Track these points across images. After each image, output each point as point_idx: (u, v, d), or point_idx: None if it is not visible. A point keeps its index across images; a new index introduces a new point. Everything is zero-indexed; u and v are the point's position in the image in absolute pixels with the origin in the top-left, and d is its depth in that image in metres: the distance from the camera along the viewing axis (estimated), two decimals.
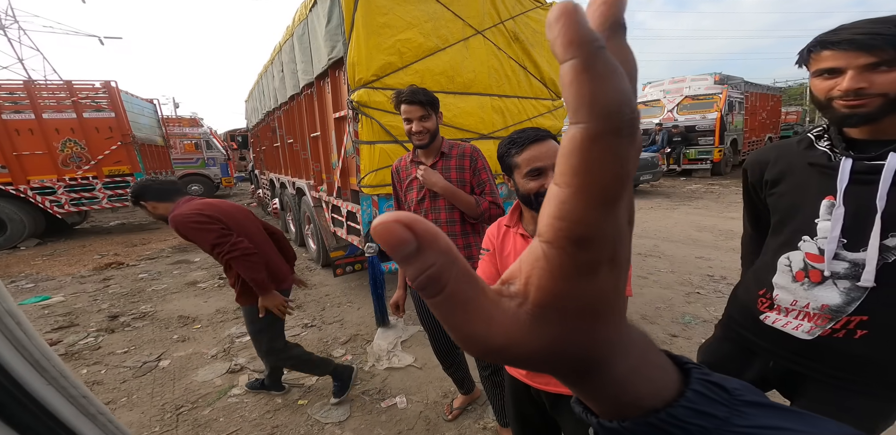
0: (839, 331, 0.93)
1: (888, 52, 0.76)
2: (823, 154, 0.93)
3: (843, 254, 0.90)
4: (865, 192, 0.85)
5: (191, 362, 2.78)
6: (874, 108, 0.81)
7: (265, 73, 5.54)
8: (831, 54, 0.83)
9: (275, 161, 6.17)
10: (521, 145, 1.04)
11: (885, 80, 0.78)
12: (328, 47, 2.90)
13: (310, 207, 4.22)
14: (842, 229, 0.89)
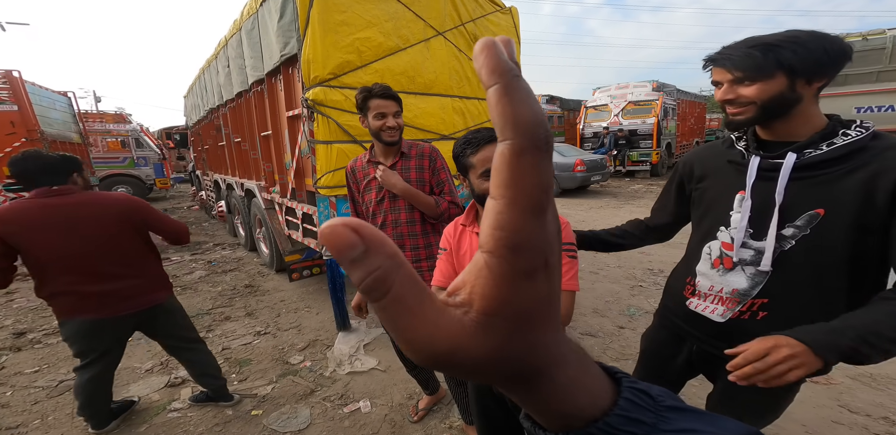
0: (745, 313, 1.03)
1: (738, 71, 0.91)
2: (739, 153, 1.04)
3: (750, 242, 1.01)
4: (768, 187, 0.95)
5: (120, 379, 2.53)
6: (752, 115, 0.93)
7: (208, 68, 5.20)
8: (714, 70, 0.97)
9: (220, 161, 5.81)
10: (477, 145, 1.06)
11: (749, 92, 0.91)
12: (280, 43, 2.79)
13: (261, 210, 4.03)
14: (749, 220, 1.00)
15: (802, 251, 0.94)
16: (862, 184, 0.86)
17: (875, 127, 0.91)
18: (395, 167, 1.70)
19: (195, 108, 6.82)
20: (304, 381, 2.44)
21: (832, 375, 2.24)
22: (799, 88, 0.89)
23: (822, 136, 0.90)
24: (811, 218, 0.91)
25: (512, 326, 0.18)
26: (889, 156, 0.85)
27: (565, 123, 15.40)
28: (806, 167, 0.91)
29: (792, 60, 0.86)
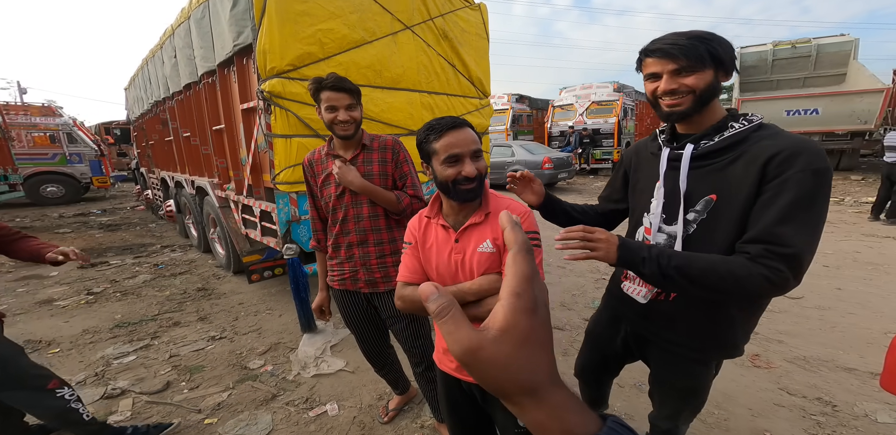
0: (661, 294, 1.13)
1: (684, 60, 0.95)
2: (657, 145, 1.13)
3: (664, 227, 1.10)
4: (675, 176, 1.04)
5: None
6: (689, 106, 0.99)
7: (152, 59, 4.85)
8: (652, 61, 1.00)
9: (167, 157, 5.43)
10: (440, 132, 1.04)
11: (689, 81, 0.96)
12: (233, 33, 2.65)
13: (214, 209, 3.81)
14: (663, 207, 1.08)
15: (701, 234, 1.02)
16: (742, 171, 0.95)
17: (762, 120, 1.00)
18: (357, 160, 1.63)
19: (138, 101, 6.34)
20: (264, 386, 2.33)
21: (772, 360, 2.42)
22: (720, 81, 0.98)
23: (715, 129, 1.00)
24: (707, 203, 1.01)
25: (518, 340, 0.29)
26: (762, 144, 0.93)
27: (534, 122, 15.73)
28: (701, 157, 1.00)
29: (720, 54, 0.95)
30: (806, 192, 0.87)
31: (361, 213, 1.63)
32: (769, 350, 2.53)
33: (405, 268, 1.15)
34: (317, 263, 1.84)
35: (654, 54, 0.99)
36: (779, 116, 10.05)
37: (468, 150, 1.03)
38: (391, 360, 1.97)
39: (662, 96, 1.01)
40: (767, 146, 0.92)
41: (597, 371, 1.55)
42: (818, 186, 0.88)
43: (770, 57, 10.92)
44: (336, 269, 1.70)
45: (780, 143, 0.91)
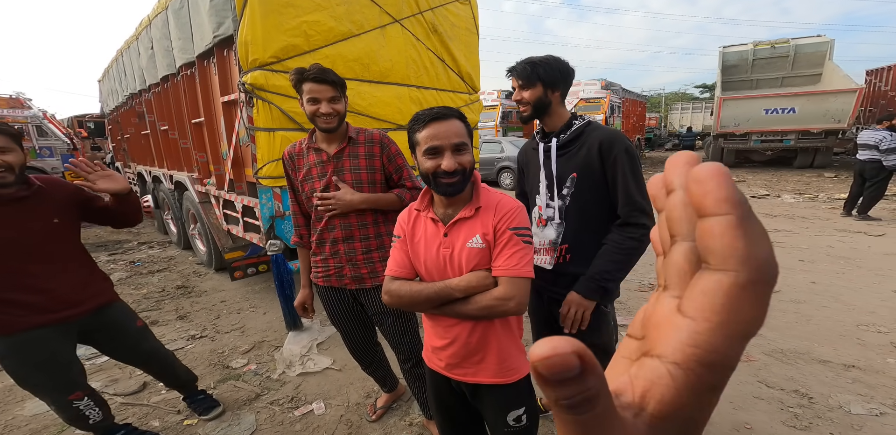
0: (560, 258, 1.44)
1: (520, 79, 1.35)
2: (535, 142, 1.49)
3: (550, 203, 1.42)
4: (550, 163, 1.39)
5: (12, 395, 2.25)
6: (529, 113, 1.39)
7: (127, 50, 4.67)
8: (512, 79, 1.39)
9: (144, 151, 5.26)
10: (424, 122, 1.02)
11: (525, 95, 1.36)
12: (213, 23, 2.56)
13: (194, 204, 3.71)
14: (546, 187, 1.42)
15: (574, 204, 1.38)
16: (586, 154, 1.33)
17: (589, 118, 1.41)
18: (343, 153, 1.59)
19: (112, 93, 6.12)
20: (247, 385, 2.28)
21: (750, 353, 2.47)
22: (549, 95, 1.36)
23: (566, 126, 1.39)
24: (573, 180, 1.37)
25: (680, 430, 0.19)
26: (593, 135, 1.34)
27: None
28: (562, 147, 1.38)
29: (543, 75, 1.32)
30: (628, 164, 1.29)
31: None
32: (749, 343, 2.59)
33: (393, 262, 1.13)
34: (299, 259, 1.80)
35: (510, 73, 1.38)
36: (758, 115, 10.30)
37: (449, 142, 1.00)
38: (378, 357, 1.94)
39: (517, 103, 1.40)
40: (596, 136, 1.33)
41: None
42: (632, 158, 1.30)
43: (751, 57, 11.16)
44: (321, 265, 1.67)
45: (601, 135, 1.32)
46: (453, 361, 1.13)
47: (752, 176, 10.39)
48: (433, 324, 1.16)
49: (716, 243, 0.17)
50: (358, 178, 1.59)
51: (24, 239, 1.46)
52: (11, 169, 1.39)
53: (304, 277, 1.79)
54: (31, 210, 1.48)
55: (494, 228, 1.04)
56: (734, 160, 12.02)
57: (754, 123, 10.46)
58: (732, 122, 10.68)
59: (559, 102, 1.39)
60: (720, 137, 11.27)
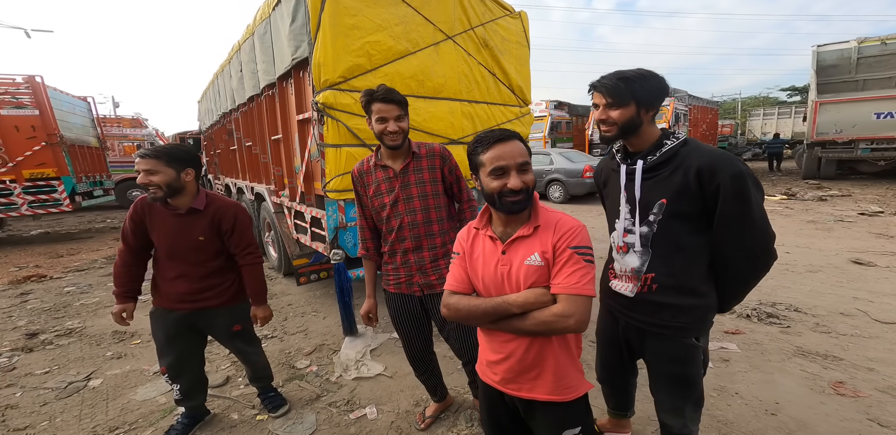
0: (644, 286, 1.31)
1: (610, 97, 1.20)
2: (616, 163, 1.34)
3: (633, 229, 1.29)
4: (633, 187, 1.26)
5: (128, 380, 2.55)
6: (614, 133, 1.25)
7: (221, 73, 5.29)
8: (595, 94, 1.26)
9: (231, 165, 5.87)
10: (488, 144, 1.06)
11: (614, 115, 1.21)
12: (292, 47, 2.82)
13: (270, 214, 4.04)
14: (629, 212, 1.30)
15: (663, 231, 1.25)
16: (680, 179, 1.18)
17: (684, 135, 1.25)
18: (408, 169, 1.67)
19: (208, 112, 6.93)
20: (310, 386, 2.41)
21: (859, 388, 2.15)
22: (642, 115, 1.22)
23: (655, 147, 1.24)
24: (661, 206, 1.23)
25: None
26: (691, 157, 1.18)
27: (574, 129, 15.26)
28: (650, 170, 1.24)
29: (640, 93, 1.19)
30: (738, 192, 1.13)
31: (416, 221, 1.68)
32: (856, 378, 2.25)
33: (452, 277, 1.17)
34: (364, 270, 1.90)
35: (596, 89, 1.25)
36: (867, 120, 9.07)
37: (514, 162, 1.04)
38: (433, 366, 1.98)
39: (599, 123, 1.27)
40: (695, 158, 1.17)
41: (615, 369, 1.64)
42: (744, 185, 1.13)
43: (854, 55, 9.87)
44: (392, 274, 1.77)
45: (701, 158, 1.16)
46: (508, 375, 1.14)
47: (861, 190, 9.08)
48: (489, 339, 1.17)
49: None
50: (423, 191, 1.68)
51: (184, 243, 1.83)
52: (160, 187, 1.70)
53: (370, 287, 1.88)
54: (189, 224, 1.82)
55: (554, 247, 1.05)
56: (835, 171, 10.64)
57: (862, 129, 9.21)
58: (833, 129, 9.49)
59: (650, 121, 1.25)
60: (816, 146, 10.04)
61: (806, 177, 11.09)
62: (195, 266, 1.86)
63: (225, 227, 1.85)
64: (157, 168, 1.69)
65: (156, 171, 1.69)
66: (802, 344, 2.65)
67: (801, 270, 3.91)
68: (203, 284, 1.88)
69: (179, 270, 1.86)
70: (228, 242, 1.89)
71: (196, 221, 1.81)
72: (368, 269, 1.87)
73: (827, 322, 2.93)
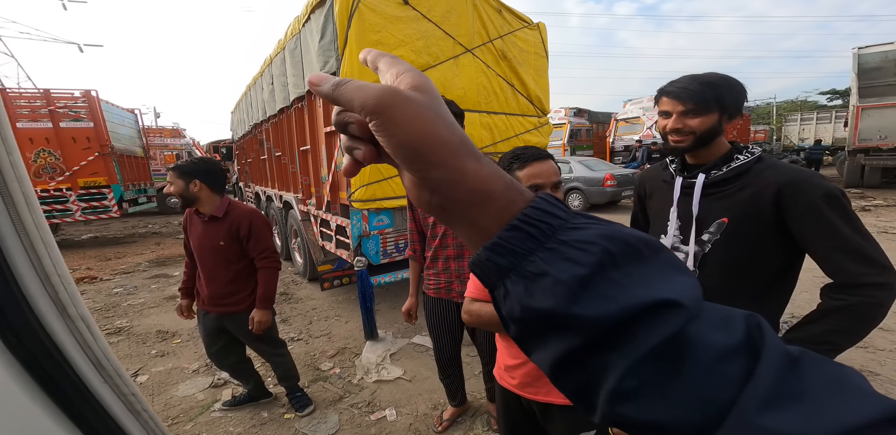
0: None
1: (691, 104, 1.06)
2: (669, 174, 1.23)
3: (680, 247, 1.18)
4: (689, 202, 1.14)
5: (170, 377, 2.71)
6: (689, 144, 1.11)
7: (254, 85, 5.55)
8: (666, 101, 1.12)
9: (261, 174, 6.13)
10: (525, 161, 1.12)
11: (693, 123, 1.08)
12: (321, 62, 2.96)
13: (297, 221, 4.21)
14: (678, 229, 1.19)
15: (716, 253, 1.12)
16: (750, 198, 1.05)
17: (760, 152, 1.11)
18: None
19: (241, 123, 7.25)
20: (333, 387, 2.50)
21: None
22: (723, 124, 1.09)
23: (723, 160, 1.11)
24: (719, 225, 1.11)
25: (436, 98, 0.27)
26: (767, 174, 1.04)
27: (594, 136, 14.93)
28: (712, 185, 1.11)
29: (726, 101, 1.06)
30: (835, 212, 0.97)
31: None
32: (892, 393, 2.14)
33: (474, 285, 1.22)
34: (410, 271, 2.03)
35: (669, 95, 1.10)
36: None
37: (549, 181, 1.11)
38: (459, 370, 2.07)
39: (670, 133, 1.13)
40: (772, 176, 1.03)
41: None
42: (841, 205, 0.98)
43: None
44: (433, 278, 1.87)
45: (781, 175, 1.02)
46: (526, 380, 1.17)
47: None
48: (507, 344, 1.22)
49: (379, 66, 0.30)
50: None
51: (207, 248, 2.01)
52: (176, 196, 1.92)
53: (413, 286, 2.01)
54: (212, 230, 1.99)
55: None
56: (881, 179, 10.05)
57: None
58: (877, 135, 9.03)
59: (724, 132, 1.13)
60: (859, 153, 9.55)
61: (848, 185, 10.51)
62: (218, 270, 2.01)
63: (243, 232, 1.98)
64: (172, 179, 1.90)
65: (172, 182, 1.90)
66: (839, 358, 2.54)
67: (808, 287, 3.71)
68: (227, 290, 2.03)
69: (206, 273, 2.03)
70: (247, 247, 2.02)
71: (217, 228, 1.97)
72: (413, 269, 2.01)
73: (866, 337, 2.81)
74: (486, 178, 0.26)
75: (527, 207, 0.25)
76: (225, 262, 2.01)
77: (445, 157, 0.25)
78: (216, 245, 1.98)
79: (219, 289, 2.03)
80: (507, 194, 0.26)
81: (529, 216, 0.25)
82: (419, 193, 0.27)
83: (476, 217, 0.26)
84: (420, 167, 0.25)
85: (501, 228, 0.25)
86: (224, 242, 1.98)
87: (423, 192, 0.27)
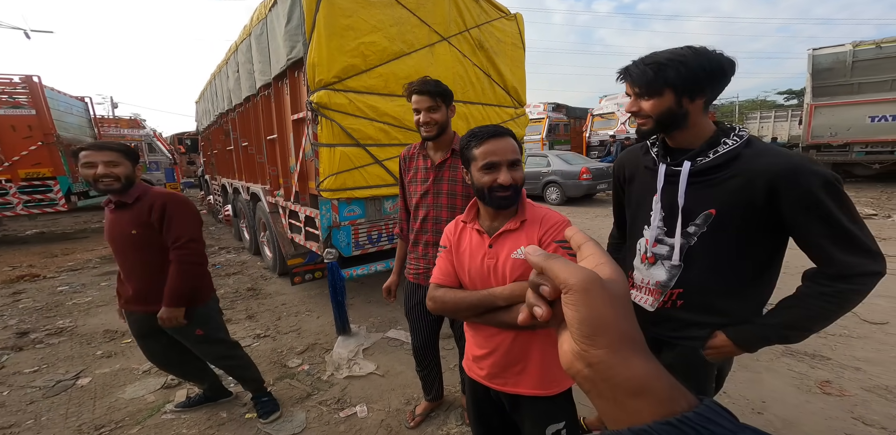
0: (667, 302, 1.16)
1: (637, 86, 1.00)
2: (652, 159, 1.15)
3: (664, 239, 1.13)
4: (674, 191, 1.07)
5: (117, 379, 2.54)
6: (651, 127, 1.05)
7: (219, 74, 5.30)
8: (627, 82, 1.05)
9: (227, 165, 5.87)
10: (481, 139, 1.08)
11: (647, 106, 1.01)
12: (287, 47, 2.83)
13: (265, 213, 4.05)
14: (662, 220, 1.12)
15: (702, 246, 1.07)
16: (740, 187, 0.98)
17: (748, 134, 1.02)
18: (444, 164, 1.69)
19: (206, 113, 6.94)
20: (300, 384, 2.41)
21: (845, 387, 2.16)
22: (685, 105, 1.00)
23: (708, 145, 1.03)
24: (707, 217, 1.05)
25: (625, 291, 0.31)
26: (758, 162, 0.97)
27: (571, 131, 15.29)
28: (698, 173, 1.03)
29: (675, 80, 0.96)
30: (833, 202, 0.92)
31: (440, 217, 1.70)
32: (843, 377, 2.27)
33: (438, 270, 1.18)
34: (397, 249, 2.00)
35: (624, 77, 1.05)
36: (862, 123, 9.12)
37: (505, 159, 1.06)
38: (436, 362, 2.01)
39: (632, 115, 1.08)
40: (764, 164, 0.96)
41: None
42: (839, 194, 0.93)
43: (849, 59, 9.93)
44: (413, 263, 1.81)
45: (774, 163, 0.95)
46: (494, 370, 1.14)
47: (855, 193, 9.13)
48: (474, 333, 1.18)
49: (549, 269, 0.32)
50: (452, 190, 1.69)
51: (119, 239, 1.79)
52: (118, 179, 1.70)
53: (398, 265, 1.98)
54: (121, 218, 1.78)
55: (540, 241, 1.07)
56: None
57: (857, 133, 9.26)
58: (828, 132, 9.55)
59: (701, 112, 1.02)
60: (811, 149, 10.09)
61: None
62: (136, 263, 1.79)
63: (155, 216, 1.75)
64: (118, 159, 1.71)
65: (116, 162, 1.70)
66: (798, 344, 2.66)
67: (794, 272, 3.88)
68: (149, 285, 1.80)
69: (125, 268, 1.83)
70: (163, 233, 1.79)
71: (126, 215, 1.76)
72: (400, 247, 1.98)
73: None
74: (649, 374, 0.27)
75: (690, 411, 0.25)
76: (140, 253, 1.78)
77: (617, 343, 0.28)
78: (127, 234, 1.75)
79: (141, 285, 1.81)
80: (670, 393, 0.27)
81: (691, 420, 0.24)
82: (573, 362, 0.29)
83: (626, 403, 0.27)
84: (590, 343, 0.28)
85: (654, 418, 0.25)
86: (136, 230, 1.74)
87: (579, 362, 0.29)
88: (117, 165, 1.70)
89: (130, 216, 1.76)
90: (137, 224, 1.76)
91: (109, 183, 1.69)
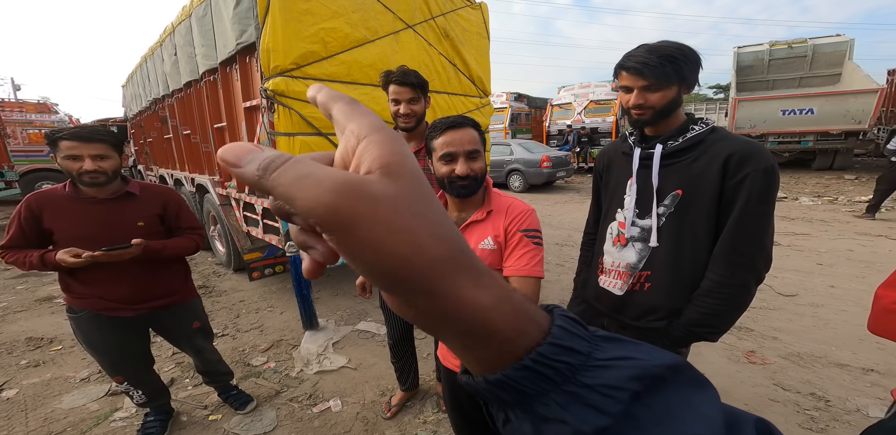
0: (636, 285, 1.20)
1: (653, 78, 1.05)
2: (629, 145, 1.23)
3: (637, 221, 1.18)
4: (648, 174, 1.14)
5: (50, 389, 2.35)
6: (649, 117, 1.12)
7: (151, 56, 4.83)
8: (626, 76, 1.10)
9: (166, 155, 5.41)
10: (440, 130, 1.09)
11: (654, 98, 1.08)
12: (236, 31, 2.65)
13: (215, 206, 3.81)
14: (636, 202, 1.18)
15: (670, 226, 1.13)
16: (703, 169, 1.07)
17: (713, 123, 1.13)
18: (418, 154, 1.68)
19: (136, 98, 6.31)
20: (268, 382, 2.35)
21: (766, 356, 2.46)
22: (682, 95, 1.09)
23: (678, 131, 1.12)
24: (674, 197, 1.11)
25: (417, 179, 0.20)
26: (719, 145, 1.06)
27: (533, 121, 15.71)
28: (668, 156, 1.12)
29: (686, 73, 1.05)
30: (759, 188, 1.02)
31: None
32: (764, 346, 2.58)
33: None
34: None
35: (629, 70, 1.08)
36: (775, 116, 10.12)
37: (463, 149, 1.07)
38: (411, 352, 2.05)
39: (633, 107, 1.12)
40: (723, 147, 1.06)
41: None
42: (770, 183, 1.02)
43: (766, 57, 10.99)
44: None
45: (732, 146, 1.05)
46: None
47: None
48: None
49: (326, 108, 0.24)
50: (428, 180, 1.68)
51: (117, 232, 1.60)
52: (105, 173, 1.55)
53: None
54: (122, 209, 1.64)
55: (505, 230, 1.10)
56: None
57: (771, 125, 10.28)
58: (748, 124, 10.52)
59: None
60: None
61: None
62: (139, 258, 1.60)
63: (171, 209, 1.76)
64: (106, 152, 1.54)
65: (105, 156, 1.54)
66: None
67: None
68: (150, 282, 1.72)
69: (120, 265, 1.58)
70: (176, 224, 1.78)
71: (131, 206, 1.65)
72: None
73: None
74: (487, 308, 0.20)
75: (542, 345, 0.21)
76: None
77: (433, 282, 0.19)
78: (132, 226, 1.63)
79: (139, 283, 1.69)
80: (516, 324, 0.21)
81: (545, 356, 0.21)
82: (400, 310, 0.22)
83: (472, 347, 0.22)
84: (399, 294, 0.20)
85: (507, 363, 0.21)
86: (144, 222, 1.67)
87: (406, 309, 0.21)
88: (106, 159, 1.53)
89: (135, 207, 1.66)
90: (146, 216, 1.67)
91: (95, 177, 1.53)
